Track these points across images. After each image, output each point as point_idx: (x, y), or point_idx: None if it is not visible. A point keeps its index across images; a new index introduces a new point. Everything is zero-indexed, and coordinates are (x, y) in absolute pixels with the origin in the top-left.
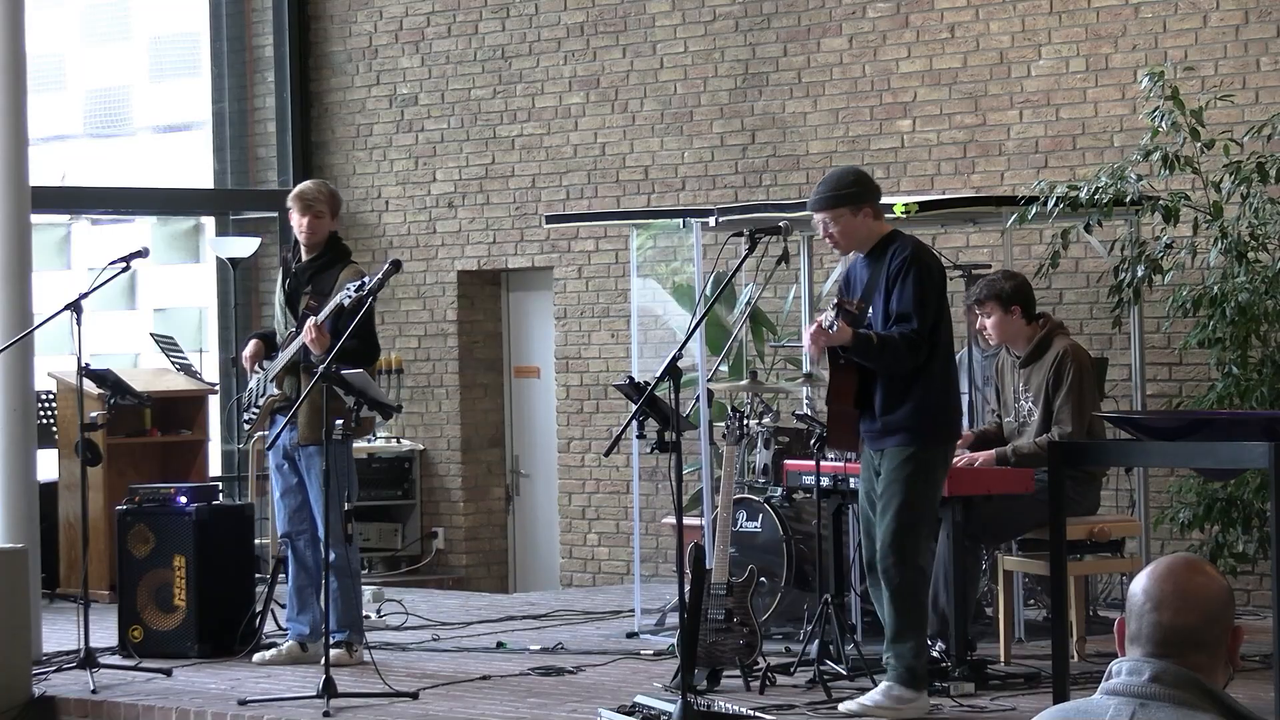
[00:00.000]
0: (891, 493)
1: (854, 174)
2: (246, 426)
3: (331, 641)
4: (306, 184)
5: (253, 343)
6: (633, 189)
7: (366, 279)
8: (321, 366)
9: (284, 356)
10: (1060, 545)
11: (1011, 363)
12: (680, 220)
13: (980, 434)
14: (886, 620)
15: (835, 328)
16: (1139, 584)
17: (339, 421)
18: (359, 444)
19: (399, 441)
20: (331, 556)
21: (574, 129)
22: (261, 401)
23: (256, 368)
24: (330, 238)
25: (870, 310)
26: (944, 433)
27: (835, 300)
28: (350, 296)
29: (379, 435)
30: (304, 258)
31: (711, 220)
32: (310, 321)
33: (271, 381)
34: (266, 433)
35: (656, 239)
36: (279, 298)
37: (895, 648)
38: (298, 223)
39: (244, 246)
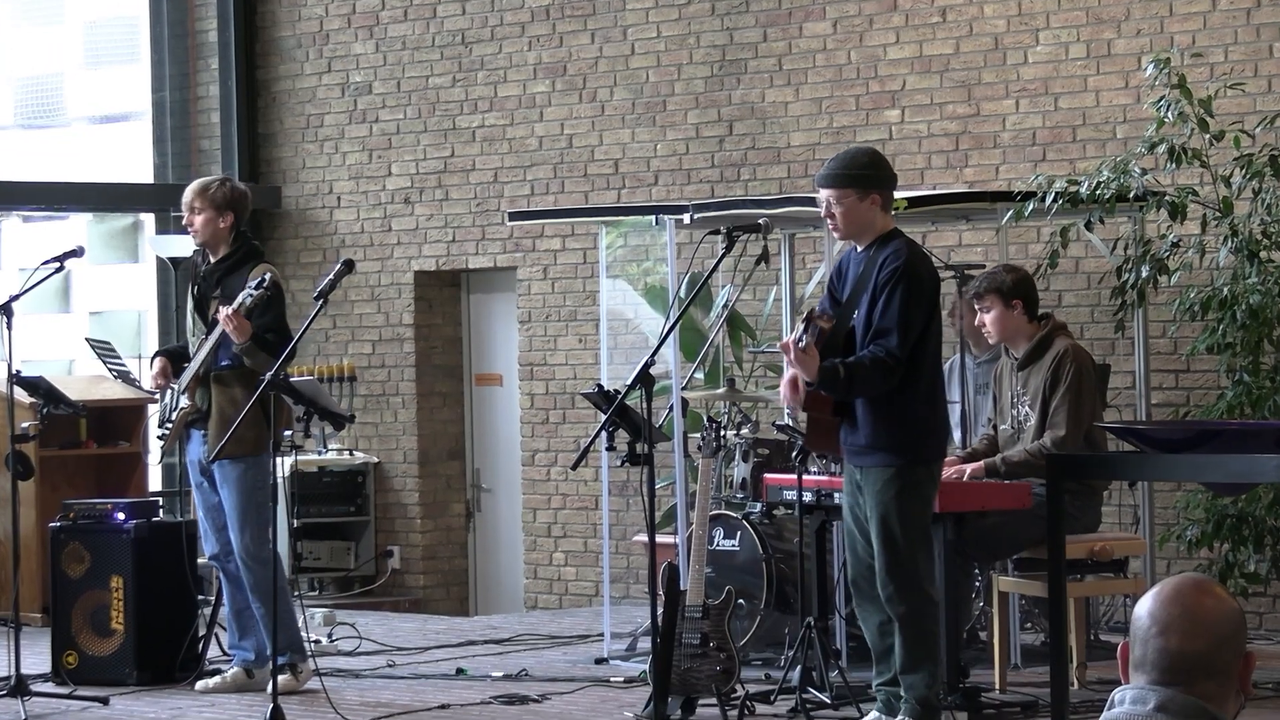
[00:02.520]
0: (880, 518)
1: (869, 155)
2: (160, 444)
3: (250, 671)
4: (192, 183)
5: (158, 361)
6: (602, 184)
7: (267, 276)
8: (268, 375)
9: (195, 363)
10: (1059, 565)
11: (1010, 366)
12: (653, 217)
13: (968, 456)
14: (895, 651)
15: (805, 344)
16: (1144, 606)
17: (287, 433)
18: (310, 455)
19: (352, 454)
20: (249, 579)
21: (539, 120)
22: (174, 416)
23: (168, 385)
24: (237, 236)
25: (856, 313)
26: (929, 449)
27: (806, 315)
28: (252, 294)
29: (330, 447)
30: (212, 260)
31: (686, 217)
32: (225, 310)
33: (183, 393)
34: (183, 448)
35: (627, 237)
36: (189, 303)
37: (906, 679)
38: (186, 224)
39: (186, 245)
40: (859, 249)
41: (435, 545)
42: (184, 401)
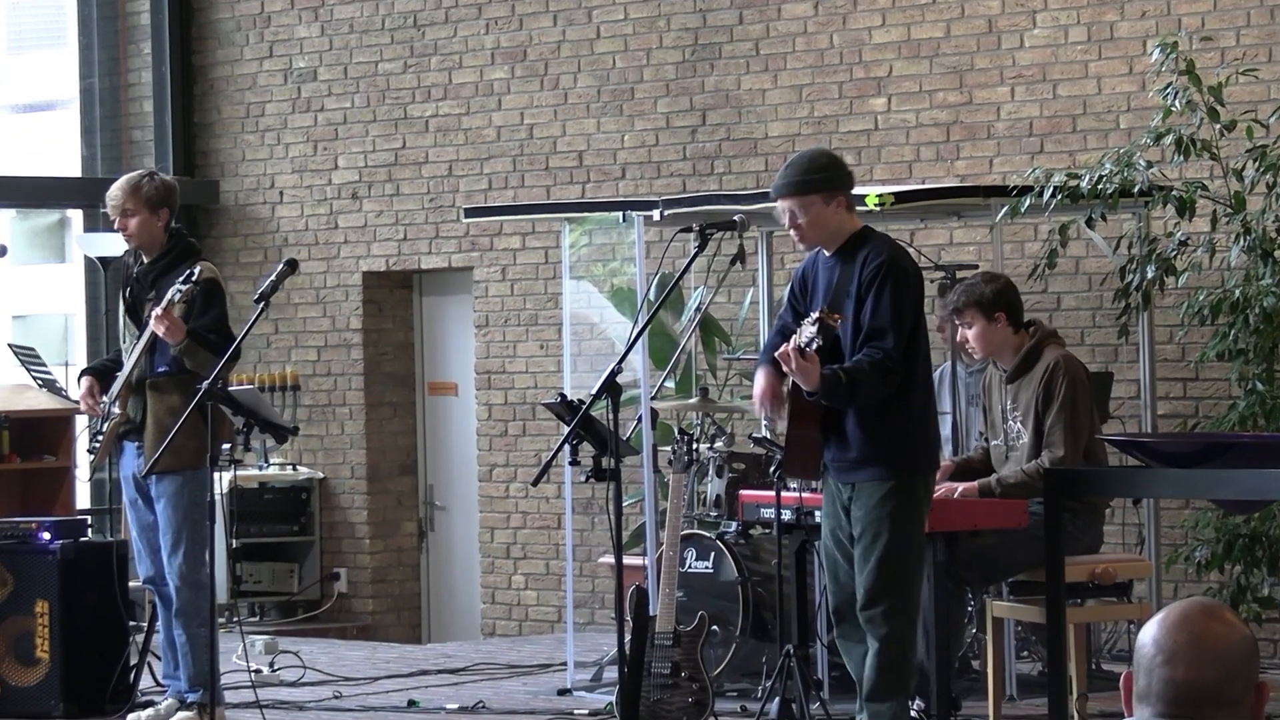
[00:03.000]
0: (873, 534)
1: (826, 156)
2: (90, 457)
3: (185, 701)
4: (117, 182)
5: (84, 380)
6: (565, 178)
7: (196, 269)
8: (205, 383)
9: (126, 369)
10: (1058, 588)
11: (999, 378)
12: (620, 214)
13: (963, 463)
14: (865, 675)
15: (815, 347)
16: (1149, 633)
17: (225, 446)
18: (249, 471)
19: (295, 469)
20: (177, 602)
21: (497, 108)
22: (105, 427)
23: (97, 405)
24: (171, 235)
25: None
26: (924, 460)
27: (816, 315)
28: (180, 291)
29: (272, 462)
30: (145, 260)
31: (656, 214)
32: (155, 310)
33: (114, 403)
34: (115, 462)
35: (592, 235)
36: (121, 307)
37: (871, 707)
38: (119, 227)
39: (116, 244)
40: (826, 254)
41: (385, 567)
42: (116, 411)
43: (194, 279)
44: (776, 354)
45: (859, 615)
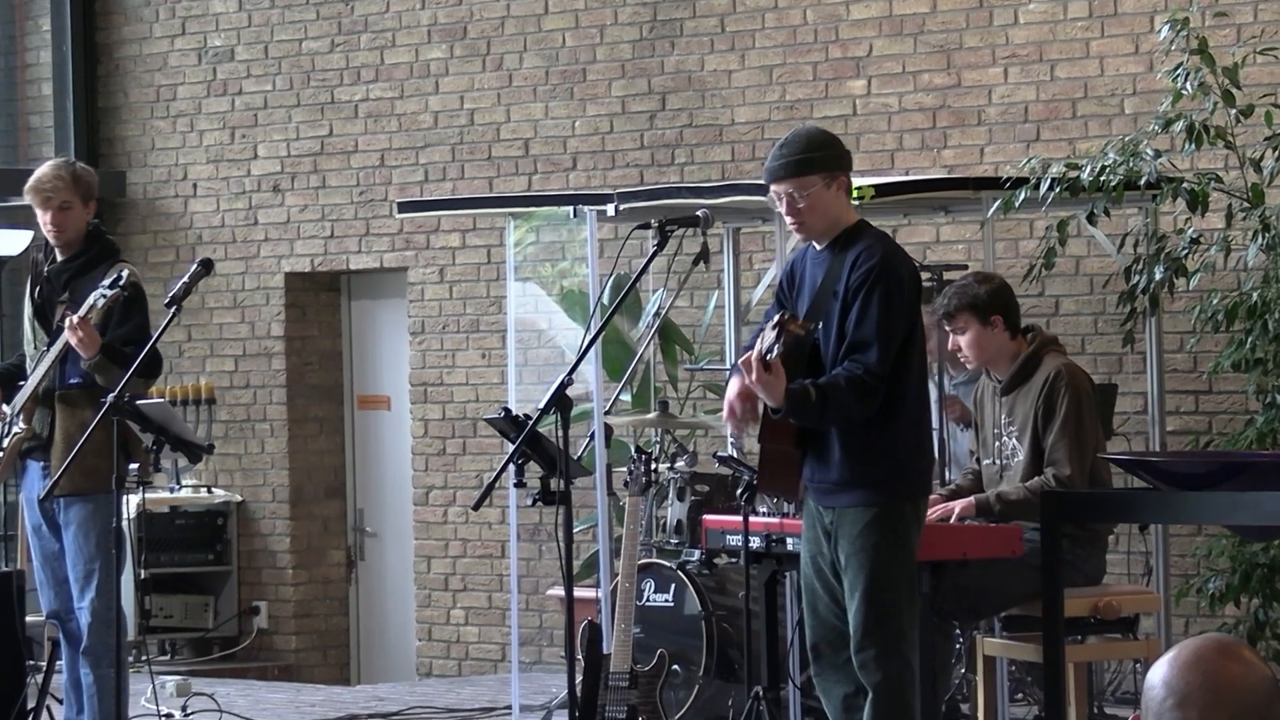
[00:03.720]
0: (859, 567)
1: (824, 134)
2: None
3: None
4: (43, 169)
5: None
6: (509, 168)
7: (124, 272)
8: (111, 396)
9: (33, 379)
10: (1056, 624)
11: (992, 389)
12: (570, 208)
13: (951, 493)
14: None
15: (775, 355)
16: (1158, 674)
17: (133, 466)
18: (159, 494)
19: (210, 491)
20: (86, 640)
21: (434, 91)
22: (7, 443)
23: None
24: (89, 232)
25: (819, 327)
26: (916, 483)
27: (776, 318)
28: (105, 296)
29: (185, 484)
30: (59, 258)
31: (610, 208)
32: (71, 318)
33: (17, 416)
34: (17, 482)
35: (540, 232)
36: (27, 309)
37: None
38: (42, 220)
39: (12, 242)
40: (817, 247)
41: (310, 600)
42: (20, 426)
43: (120, 284)
44: (739, 362)
45: (853, 659)
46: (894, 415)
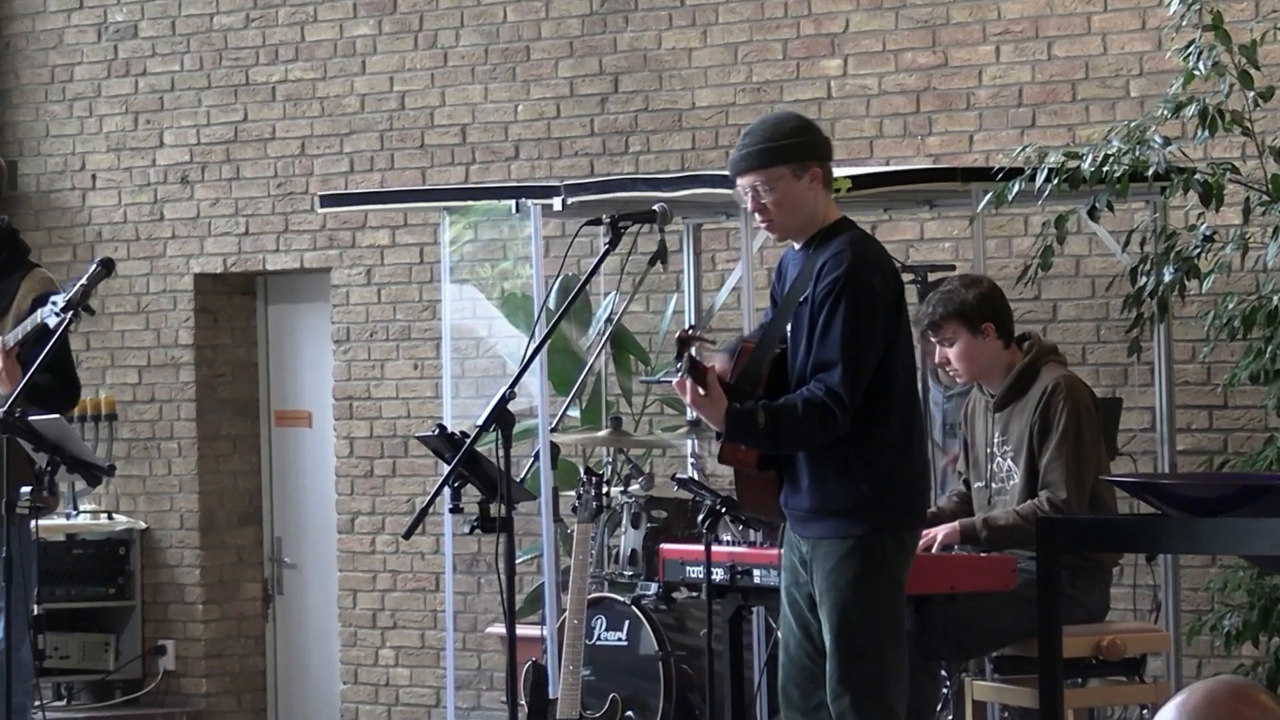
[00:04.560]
0: (833, 605)
1: (796, 120)
2: None
3: None
4: None
5: None
6: (444, 158)
7: (64, 290)
8: (0, 411)
9: None
10: (1053, 665)
11: (984, 404)
12: (512, 202)
13: (933, 516)
14: None
15: (680, 376)
16: (1167, 719)
17: (25, 490)
18: (54, 520)
19: (111, 517)
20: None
21: (360, 72)
22: None
23: None
24: (1, 233)
25: (789, 339)
26: (901, 511)
27: (680, 334)
28: (53, 318)
29: (82, 509)
30: None
31: (556, 202)
32: None
33: None
34: None
35: (478, 229)
36: None
37: None
38: None
39: None
40: (797, 247)
41: (222, 639)
42: None
43: (69, 304)
44: (675, 382)
45: (830, 707)
46: (875, 435)
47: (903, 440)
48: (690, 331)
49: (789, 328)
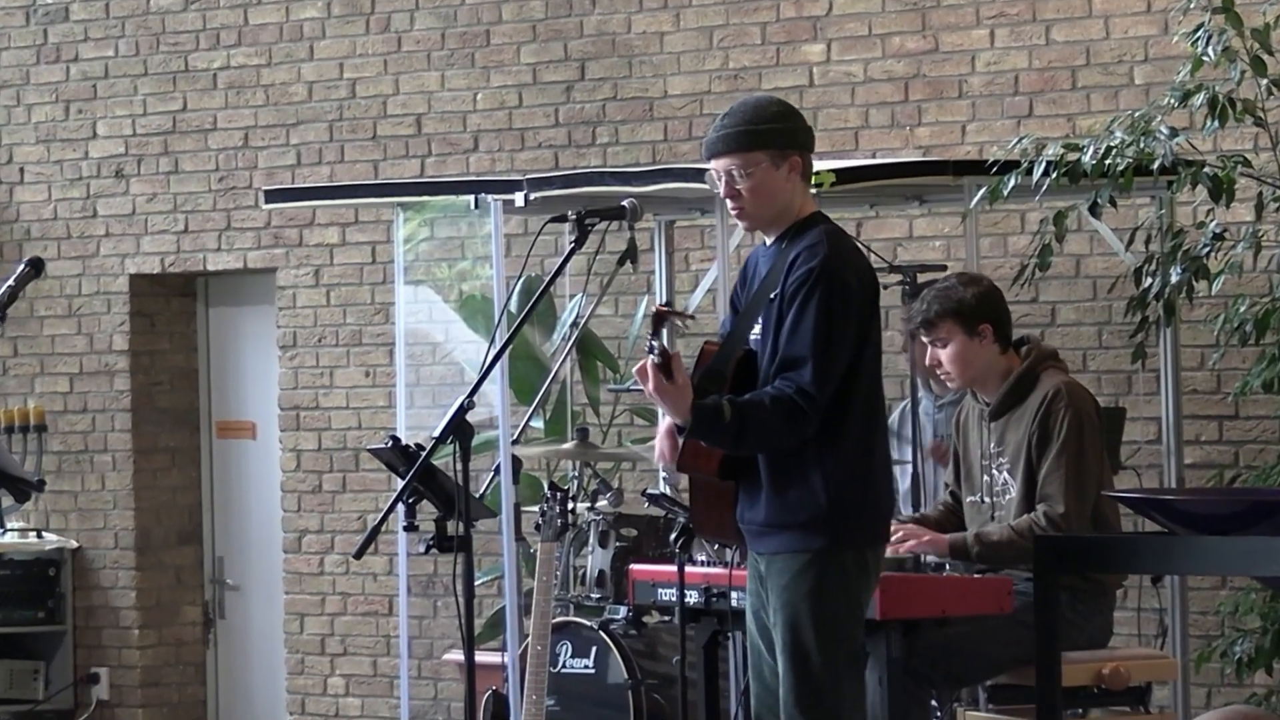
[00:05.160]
0: (784, 625)
1: (779, 105)
2: None
3: None
4: None
5: None
6: (398, 150)
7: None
8: None
9: None
10: (1052, 694)
11: (978, 413)
12: (471, 197)
13: (919, 519)
14: None
15: (659, 357)
16: None
17: None
18: None
19: (40, 536)
20: None
21: (307, 58)
22: None
23: None
24: None
25: (759, 332)
26: (862, 527)
27: (655, 310)
28: None
29: (10, 527)
30: None
31: (519, 198)
32: None
33: None
34: None
35: (434, 226)
36: None
37: None
38: None
39: None
40: (768, 242)
41: (160, 666)
42: None
43: None
44: (635, 369)
45: None
46: (833, 444)
47: (865, 450)
48: (666, 307)
49: (758, 327)
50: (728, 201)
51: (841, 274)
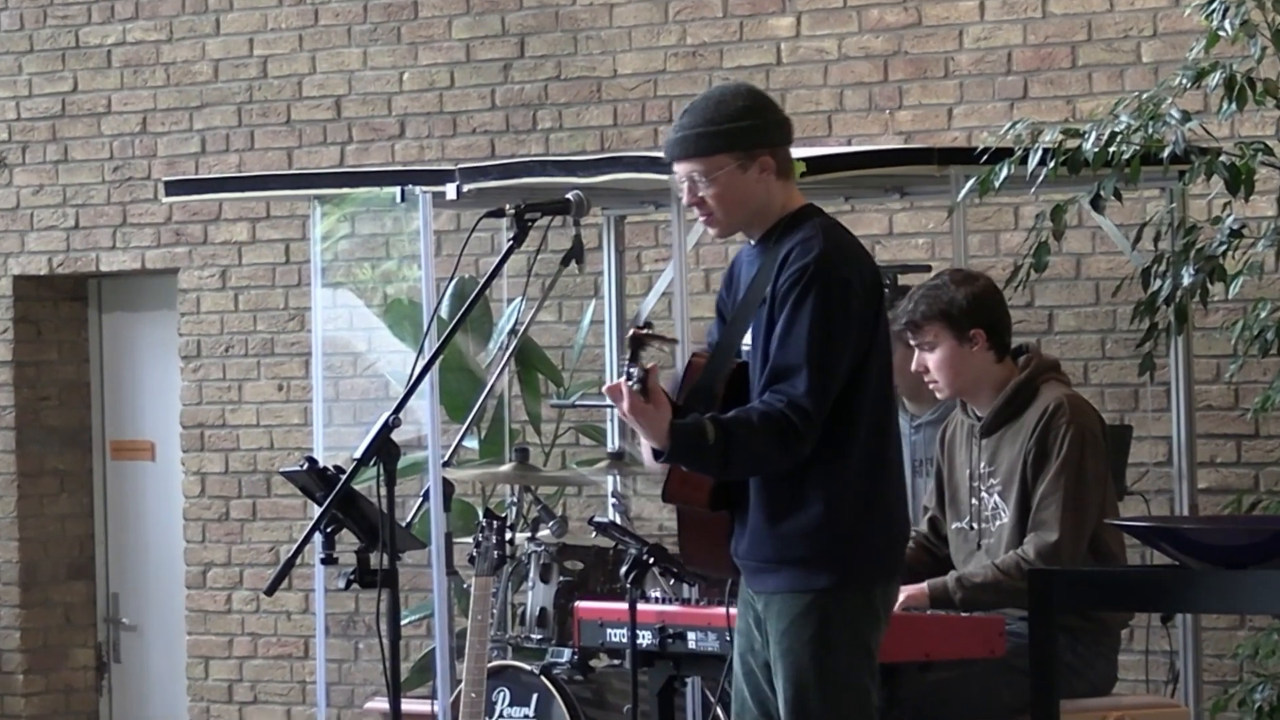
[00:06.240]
0: (785, 673)
1: (747, 98)
2: None
3: None
4: None
5: None
6: (314, 136)
7: None
8: None
9: None
10: None
11: (967, 429)
12: (396, 189)
13: None
14: None
15: (637, 383)
16: None
17: None
18: None
19: None
20: None
21: (213, 33)
22: None
23: None
24: None
25: (748, 341)
26: (873, 562)
27: (632, 332)
28: None
29: None
30: None
31: (450, 189)
32: None
33: None
34: None
35: (355, 222)
36: None
37: None
38: None
39: None
40: (752, 242)
41: (47, 716)
42: None
43: None
44: (606, 388)
45: None
46: (835, 466)
47: (872, 472)
48: (645, 329)
49: (749, 335)
50: (694, 209)
51: (840, 271)
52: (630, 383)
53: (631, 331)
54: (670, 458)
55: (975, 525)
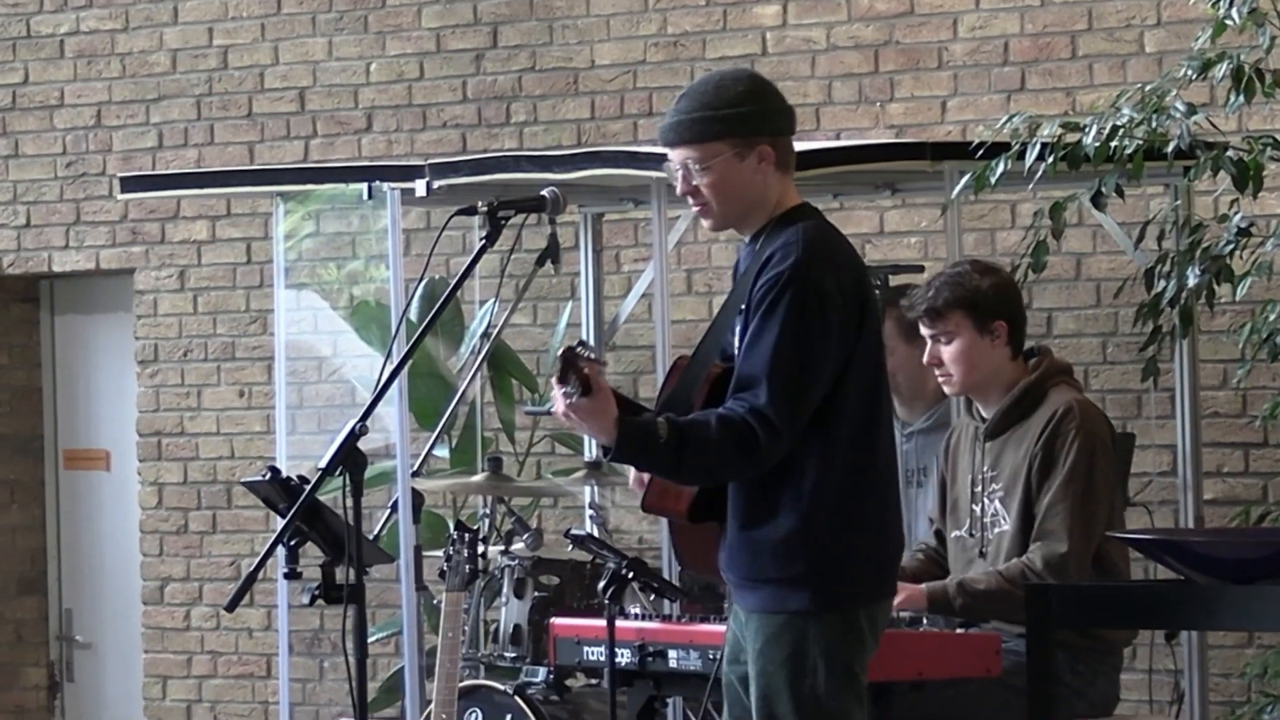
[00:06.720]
0: (759, 696)
1: (745, 83)
2: None
3: None
4: None
5: None
6: (278, 129)
7: None
8: None
9: None
10: None
11: (972, 433)
12: (363, 185)
13: None
14: None
15: (574, 399)
16: None
17: None
18: None
19: None
20: None
21: (170, 22)
22: None
23: None
24: None
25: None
26: (855, 579)
27: (564, 351)
28: None
29: None
30: None
31: (420, 186)
32: None
33: None
34: None
35: (320, 220)
36: None
37: None
38: None
39: None
40: (747, 240)
41: None
42: None
43: None
44: (551, 407)
45: None
46: (813, 481)
47: (855, 487)
48: (579, 349)
49: (734, 341)
50: (688, 199)
51: (816, 279)
52: (569, 396)
53: (562, 351)
54: (618, 455)
55: (975, 533)
